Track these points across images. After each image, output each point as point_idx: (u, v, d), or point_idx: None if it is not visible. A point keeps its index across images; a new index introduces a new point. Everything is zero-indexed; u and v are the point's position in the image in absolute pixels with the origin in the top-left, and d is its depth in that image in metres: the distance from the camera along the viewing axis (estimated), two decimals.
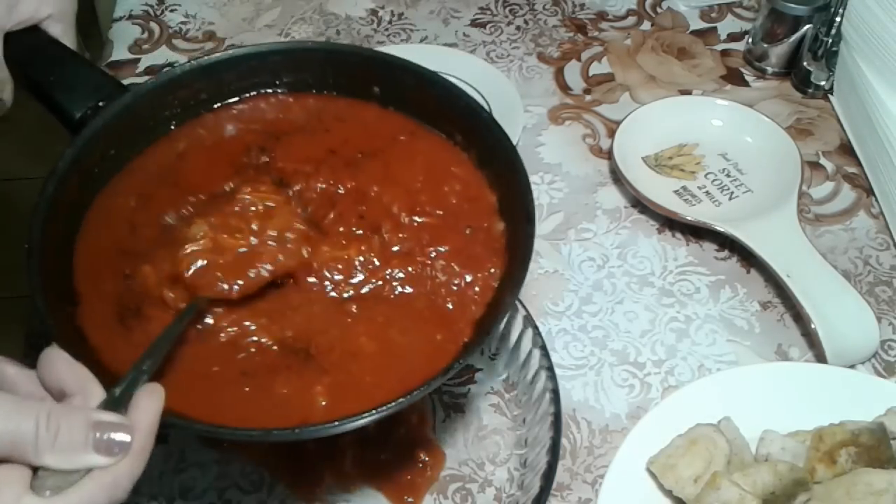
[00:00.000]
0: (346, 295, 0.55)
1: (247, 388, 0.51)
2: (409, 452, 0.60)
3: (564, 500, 0.59)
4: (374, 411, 0.47)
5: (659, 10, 0.94)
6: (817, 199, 0.77)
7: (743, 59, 0.89)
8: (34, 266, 0.51)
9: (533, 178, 0.78)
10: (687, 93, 0.85)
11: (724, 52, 0.90)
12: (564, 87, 0.86)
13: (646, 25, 0.93)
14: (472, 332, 0.53)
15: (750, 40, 0.88)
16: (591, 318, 0.69)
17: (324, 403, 0.50)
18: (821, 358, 0.64)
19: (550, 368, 0.58)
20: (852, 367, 0.64)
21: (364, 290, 0.55)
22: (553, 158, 0.80)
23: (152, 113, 0.61)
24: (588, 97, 0.85)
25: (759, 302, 0.70)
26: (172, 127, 0.62)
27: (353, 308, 0.54)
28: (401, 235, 0.57)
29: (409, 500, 0.58)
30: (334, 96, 0.65)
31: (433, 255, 0.57)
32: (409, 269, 0.56)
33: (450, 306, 0.55)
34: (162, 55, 0.90)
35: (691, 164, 0.78)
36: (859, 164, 0.79)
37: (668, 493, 0.56)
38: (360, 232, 0.57)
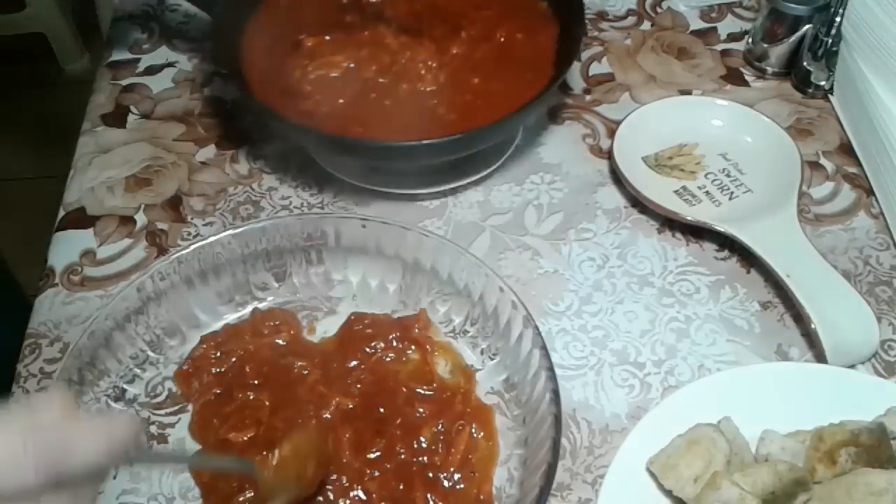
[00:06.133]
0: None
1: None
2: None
3: (564, 500, 0.59)
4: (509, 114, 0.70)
5: (659, 10, 0.94)
6: (817, 199, 0.77)
7: (743, 59, 0.89)
8: (219, 45, 0.77)
9: (533, 178, 0.78)
10: (687, 93, 0.85)
11: (724, 52, 0.90)
12: (564, 87, 0.86)
13: (646, 25, 0.93)
14: (554, 69, 0.75)
15: (750, 40, 0.88)
16: (591, 318, 0.69)
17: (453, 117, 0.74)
18: (821, 358, 0.64)
19: (550, 368, 0.58)
20: (852, 367, 0.64)
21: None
22: (553, 158, 0.80)
23: None
24: (588, 97, 0.85)
25: (759, 302, 0.70)
26: None
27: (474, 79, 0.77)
28: (476, 25, 0.80)
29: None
30: None
31: (503, 32, 0.79)
32: (491, 45, 0.79)
33: (528, 58, 0.77)
34: (162, 55, 0.90)
35: (691, 164, 0.78)
36: (859, 164, 0.79)
37: (668, 493, 0.56)
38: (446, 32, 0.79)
